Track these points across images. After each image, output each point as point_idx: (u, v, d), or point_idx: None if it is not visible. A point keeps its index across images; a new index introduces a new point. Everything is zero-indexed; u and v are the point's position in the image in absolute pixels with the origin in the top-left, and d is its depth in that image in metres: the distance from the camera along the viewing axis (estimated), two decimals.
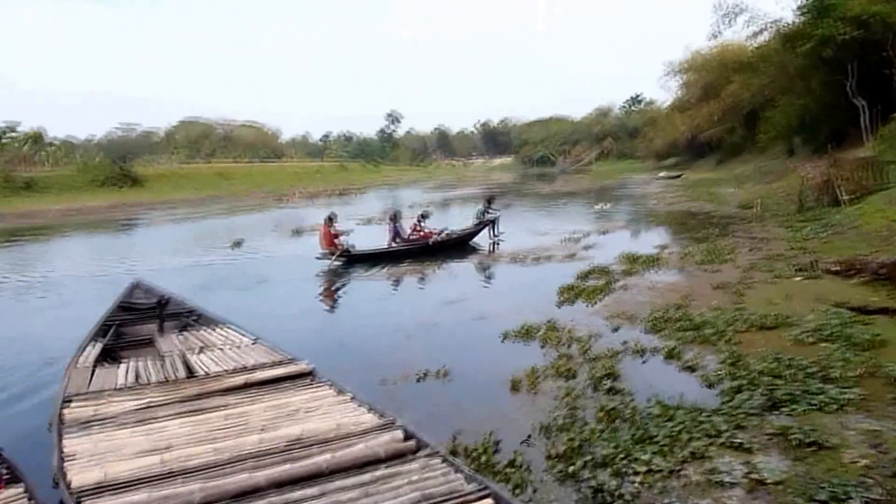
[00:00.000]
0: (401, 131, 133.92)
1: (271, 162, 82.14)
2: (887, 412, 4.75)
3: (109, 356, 6.62)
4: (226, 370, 5.63)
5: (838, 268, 10.58)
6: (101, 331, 7.18)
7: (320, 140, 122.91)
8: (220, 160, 76.65)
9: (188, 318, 7.76)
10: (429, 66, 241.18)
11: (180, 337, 6.94)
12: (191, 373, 5.72)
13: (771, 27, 36.64)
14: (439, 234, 16.43)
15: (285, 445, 3.91)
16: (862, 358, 6.01)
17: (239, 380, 5.30)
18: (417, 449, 3.80)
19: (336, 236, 14.54)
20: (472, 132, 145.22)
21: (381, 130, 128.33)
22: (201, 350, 6.30)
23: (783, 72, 35.11)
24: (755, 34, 38.67)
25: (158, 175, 55.07)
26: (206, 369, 5.69)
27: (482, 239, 18.02)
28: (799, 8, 31.74)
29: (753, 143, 47.66)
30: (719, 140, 58.29)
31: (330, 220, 14.92)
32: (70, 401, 4.85)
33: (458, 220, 21.77)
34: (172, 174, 57.06)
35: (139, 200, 44.12)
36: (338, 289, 12.16)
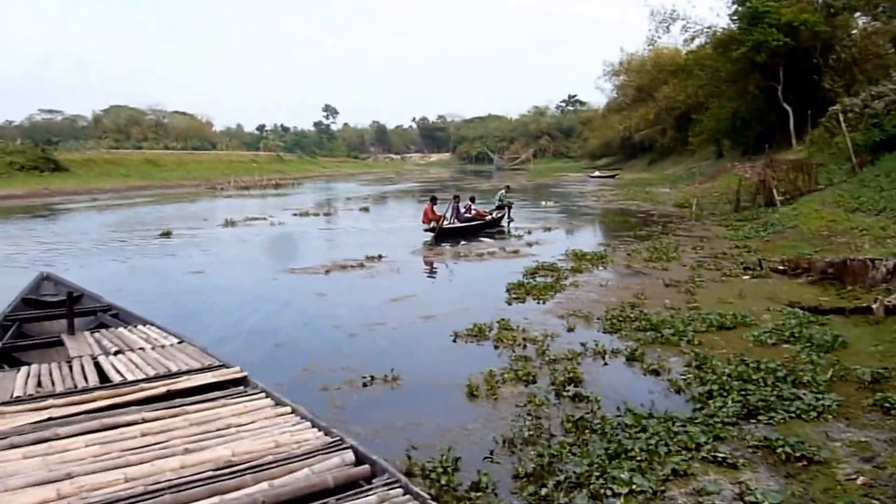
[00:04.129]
0: (338, 124, 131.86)
1: (205, 151, 79.08)
2: (869, 420, 4.51)
3: (8, 359, 5.73)
4: (145, 376, 4.88)
5: (784, 267, 10.60)
6: (0, 329, 6.26)
7: (256, 130, 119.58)
8: (150, 148, 73.18)
9: (104, 316, 6.89)
10: (365, 60, 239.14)
11: (93, 337, 6.08)
12: (104, 379, 4.94)
13: (705, 33, 37.75)
14: (491, 213, 19.58)
15: (213, 472, 3.26)
16: (828, 360, 5.83)
17: (160, 388, 4.58)
18: (372, 475, 3.22)
19: (436, 215, 16.92)
20: (409, 127, 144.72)
21: (318, 123, 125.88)
22: (117, 353, 5.49)
23: (716, 76, 36.17)
24: (690, 40, 39.82)
25: (84, 161, 51.89)
26: (122, 376, 4.92)
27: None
28: (733, 14, 32.75)
29: (684, 144, 49.10)
30: (651, 141, 59.80)
31: (433, 201, 17.50)
32: None
33: (405, 211, 21.12)
34: (99, 161, 53.90)
35: (63, 187, 41.36)
36: (271, 284, 11.38)
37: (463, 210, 18.41)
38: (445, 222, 16.97)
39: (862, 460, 3.88)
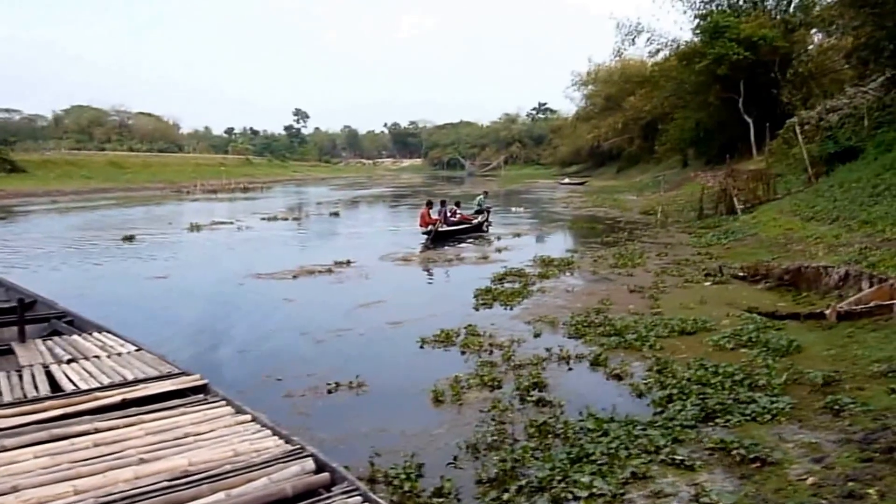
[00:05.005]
0: (309, 129, 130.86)
1: (171, 153, 77.82)
2: (820, 422, 4.63)
3: None
4: (100, 385, 4.77)
5: (744, 273, 10.85)
6: None
7: (224, 133, 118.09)
8: (114, 149, 71.69)
9: (57, 323, 6.71)
10: (337, 64, 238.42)
11: (46, 345, 5.91)
12: (56, 389, 4.81)
13: (669, 46, 38.50)
14: (475, 217, 20.63)
15: (168, 482, 3.19)
16: (783, 364, 5.97)
17: (115, 397, 4.47)
18: (332, 483, 3.20)
19: (432, 218, 18.02)
20: (381, 133, 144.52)
21: (289, 127, 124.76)
22: (70, 361, 5.35)
23: (680, 87, 36.83)
24: (655, 52, 40.55)
25: (43, 162, 50.43)
26: (75, 385, 4.79)
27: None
28: (695, 28, 33.47)
29: (651, 153, 49.86)
30: (620, 150, 60.63)
31: (429, 205, 18.42)
32: None
33: (376, 216, 21.00)
34: (59, 161, 52.50)
35: (20, 189, 40.13)
36: (237, 289, 11.23)
37: (449, 214, 19.17)
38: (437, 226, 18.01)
39: (812, 461, 3.98)
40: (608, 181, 54.73)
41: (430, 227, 17.62)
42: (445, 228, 18.32)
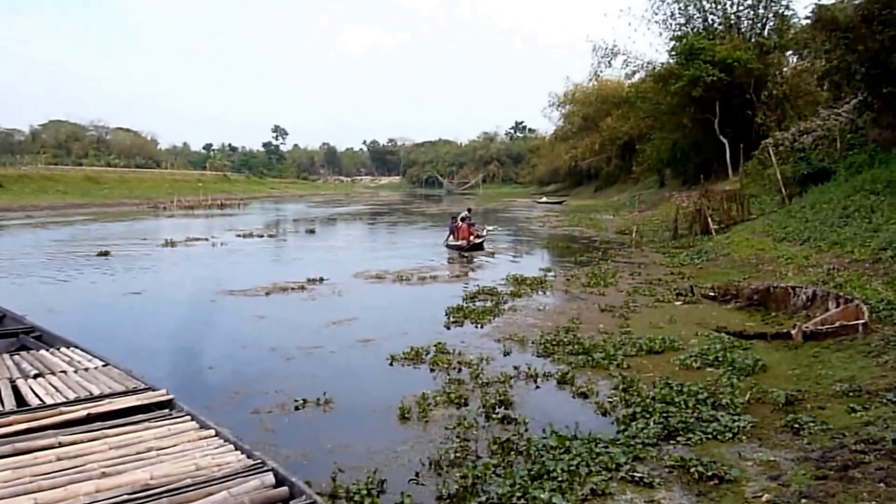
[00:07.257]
0: (287, 145, 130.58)
1: (148, 169, 77.21)
2: (779, 441, 4.74)
3: None
4: (65, 400, 4.74)
5: (714, 293, 11.03)
6: None
7: (203, 149, 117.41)
8: (91, 165, 70.92)
9: (25, 338, 6.65)
10: (317, 80, 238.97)
11: (13, 360, 5.86)
12: (21, 403, 4.78)
13: (645, 67, 39.18)
14: (480, 231, 22.14)
15: (128, 496, 3.20)
16: (747, 383, 6.09)
17: (79, 412, 4.45)
18: (291, 497, 3.23)
19: (470, 232, 20.28)
20: (360, 150, 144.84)
21: (268, 143, 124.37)
22: (37, 376, 5.31)
23: (657, 108, 37.38)
24: (631, 73, 41.22)
25: (19, 177, 49.66)
26: (41, 399, 4.76)
27: None
28: (671, 50, 34.14)
29: (629, 173, 50.47)
30: (597, 169, 61.30)
31: (463, 219, 20.87)
32: None
33: (352, 234, 20.88)
34: (35, 176, 51.71)
35: None
36: (209, 305, 11.17)
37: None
38: (452, 240, 20.71)
39: (769, 478, 4.08)
40: (586, 200, 55.26)
41: (471, 239, 20.09)
42: (477, 241, 20.67)
